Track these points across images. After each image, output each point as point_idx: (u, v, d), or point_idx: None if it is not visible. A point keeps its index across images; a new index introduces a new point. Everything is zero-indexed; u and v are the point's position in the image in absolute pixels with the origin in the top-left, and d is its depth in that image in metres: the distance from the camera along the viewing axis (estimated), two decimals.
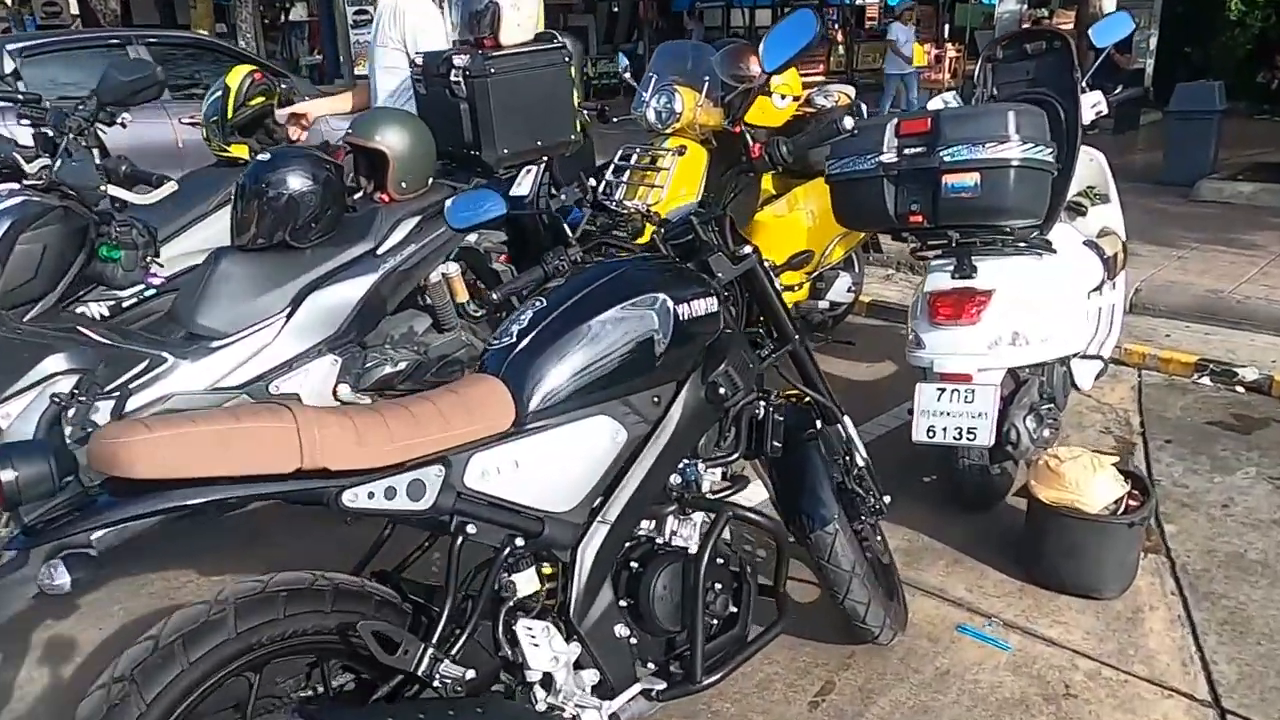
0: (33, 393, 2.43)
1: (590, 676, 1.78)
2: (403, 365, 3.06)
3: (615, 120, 4.52)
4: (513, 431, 1.71)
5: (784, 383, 2.32)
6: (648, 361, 1.84)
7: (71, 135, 2.41)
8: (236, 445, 1.42)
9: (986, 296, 2.88)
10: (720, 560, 1.95)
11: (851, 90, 4.65)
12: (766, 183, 4.50)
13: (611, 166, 4.08)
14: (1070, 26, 14.10)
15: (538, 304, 1.88)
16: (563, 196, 2.19)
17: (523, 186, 3.67)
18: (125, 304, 2.99)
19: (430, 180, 3.15)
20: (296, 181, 2.83)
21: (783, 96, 3.97)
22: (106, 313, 2.96)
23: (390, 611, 1.64)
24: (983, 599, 2.69)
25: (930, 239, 2.93)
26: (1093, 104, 3.50)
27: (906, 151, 2.67)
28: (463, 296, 3.28)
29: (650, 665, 1.91)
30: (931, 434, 2.89)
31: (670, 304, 1.87)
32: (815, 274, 4.58)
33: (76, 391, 2.43)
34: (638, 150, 4.06)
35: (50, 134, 2.47)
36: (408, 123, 3.07)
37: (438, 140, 3.17)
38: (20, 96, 2.67)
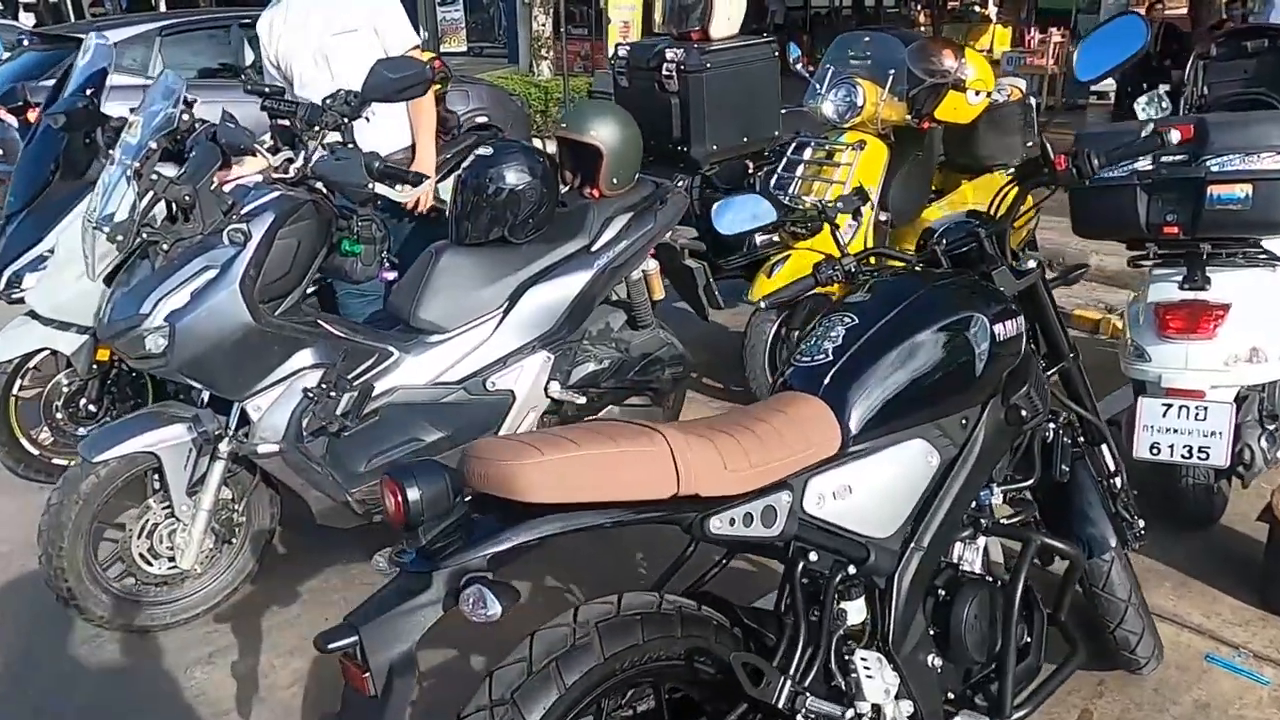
0: (281, 386, 2.44)
1: (905, 708, 1.73)
2: (606, 363, 3.04)
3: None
4: (840, 454, 1.66)
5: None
6: (965, 382, 1.79)
7: (324, 130, 2.40)
8: (621, 470, 1.39)
9: (1224, 310, 2.76)
10: (1024, 589, 1.89)
11: (1023, 83, 4.50)
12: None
13: (784, 160, 4.00)
14: (1183, 12, 13.56)
15: (848, 320, 1.82)
16: None
17: None
18: None
19: (636, 175, 3.10)
20: (516, 176, 2.80)
21: (977, 92, 3.85)
22: None
23: (725, 637, 1.61)
24: (1223, 627, 2.59)
25: (1171, 250, 2.81)
26: None
27: (1164, 159, 2.55)
28: (659, 294, 3.25)
29: (949, 694, 1.86)
30: (1156, 451, 2.78)
31: (988, 324, 1.80)
32: None
33: (325, 386, 2.44)
34: (812, 143, 3.97)
35: (296, 126, 2.46)
36: (620, 117, 3.02)
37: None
38: (267, 89, 2.68)
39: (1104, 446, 2.27)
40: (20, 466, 3.32)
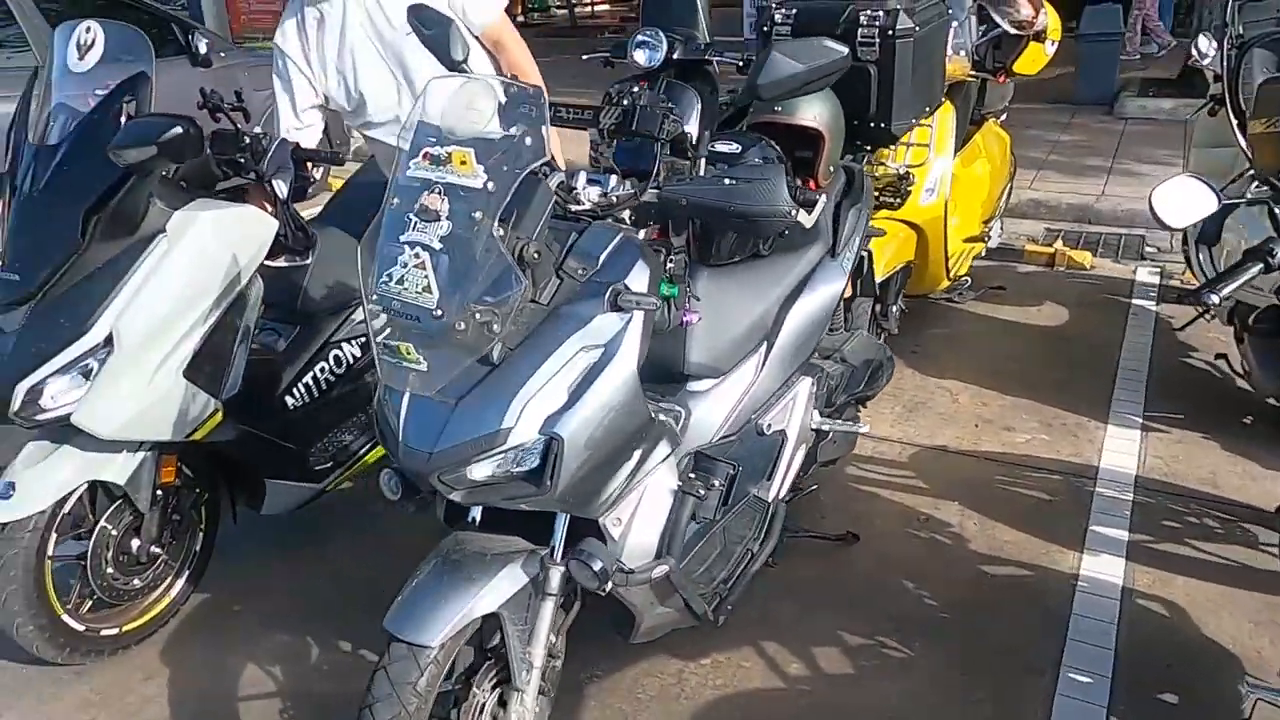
0: (640, 486, 1.84)
1: None
2: (837, 379, 2.66)
3: None
4: None
5: None
6: None
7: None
8: None
9: None
10: None
11: None
12: None
13: None
14: None
15: None
16: None
17: None
18: None
19: None
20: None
21: (1052, 43, 3.79)
22: None
23: None
24: None
25: None
26: None
27: None
28: (848, 292, 2.90)
29: None
30: None
31: None
32: (990, 220, 4.51)
33: (700, 475, 1.88)
34: None
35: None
36: (831, 94, 2.60)
37: None
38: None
39: None
40: (65, 652, 2.33)
